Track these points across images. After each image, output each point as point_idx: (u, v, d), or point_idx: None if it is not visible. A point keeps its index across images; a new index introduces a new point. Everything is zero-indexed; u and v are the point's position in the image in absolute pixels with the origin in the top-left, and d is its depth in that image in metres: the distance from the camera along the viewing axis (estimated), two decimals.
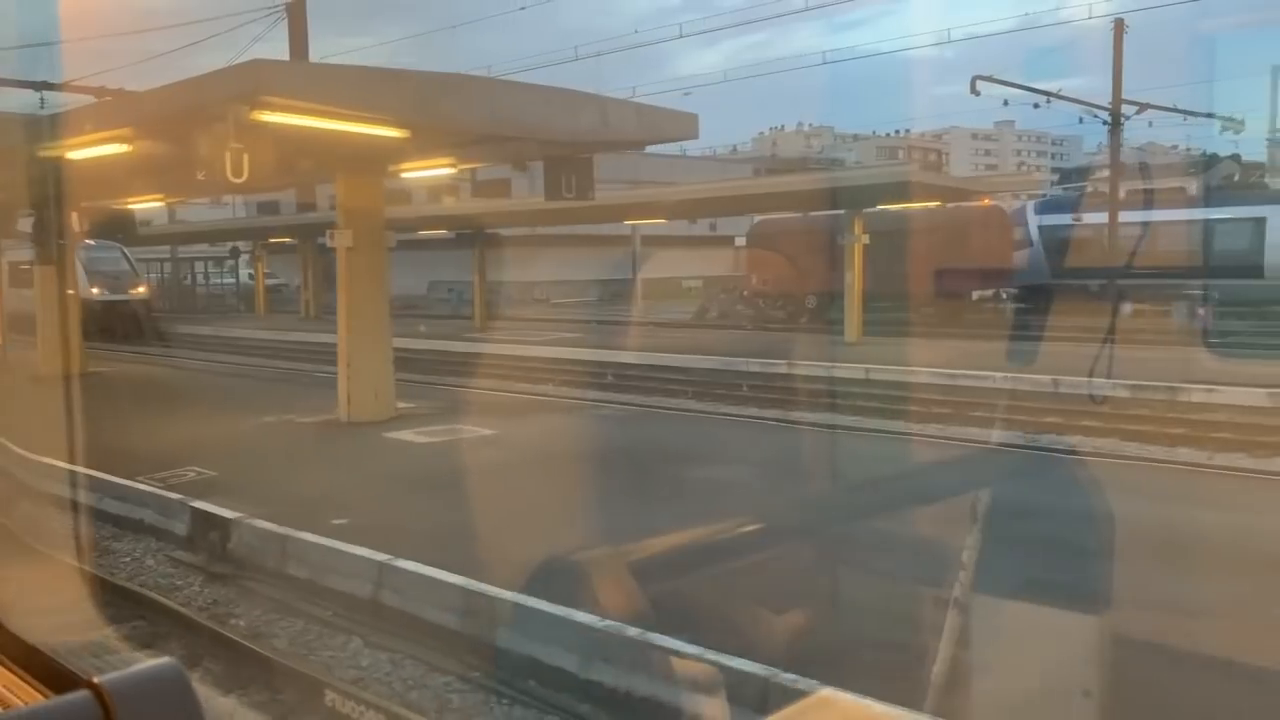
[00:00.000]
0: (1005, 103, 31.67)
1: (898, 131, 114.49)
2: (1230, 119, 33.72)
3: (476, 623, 7.29)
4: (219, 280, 57.80)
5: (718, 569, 7.23)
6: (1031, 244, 35.17)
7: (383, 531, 8.93)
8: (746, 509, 10.20)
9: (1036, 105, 31.85)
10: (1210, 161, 38.90)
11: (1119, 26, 32.37)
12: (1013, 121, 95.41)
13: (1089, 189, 37.48)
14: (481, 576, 7.48)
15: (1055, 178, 43.53)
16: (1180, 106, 35.36)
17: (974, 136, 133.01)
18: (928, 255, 31.68)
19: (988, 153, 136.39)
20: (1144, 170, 39.13)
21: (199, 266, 57.79)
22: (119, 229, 31.05)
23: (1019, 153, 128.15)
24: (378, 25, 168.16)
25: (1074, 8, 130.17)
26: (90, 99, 20.79)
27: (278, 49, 28.13)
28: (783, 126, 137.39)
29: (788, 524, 9.09)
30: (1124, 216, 33.87)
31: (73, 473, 11.71)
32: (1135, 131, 37.39)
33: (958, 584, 4.92)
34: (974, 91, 28.06)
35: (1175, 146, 41.21)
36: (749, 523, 9.09)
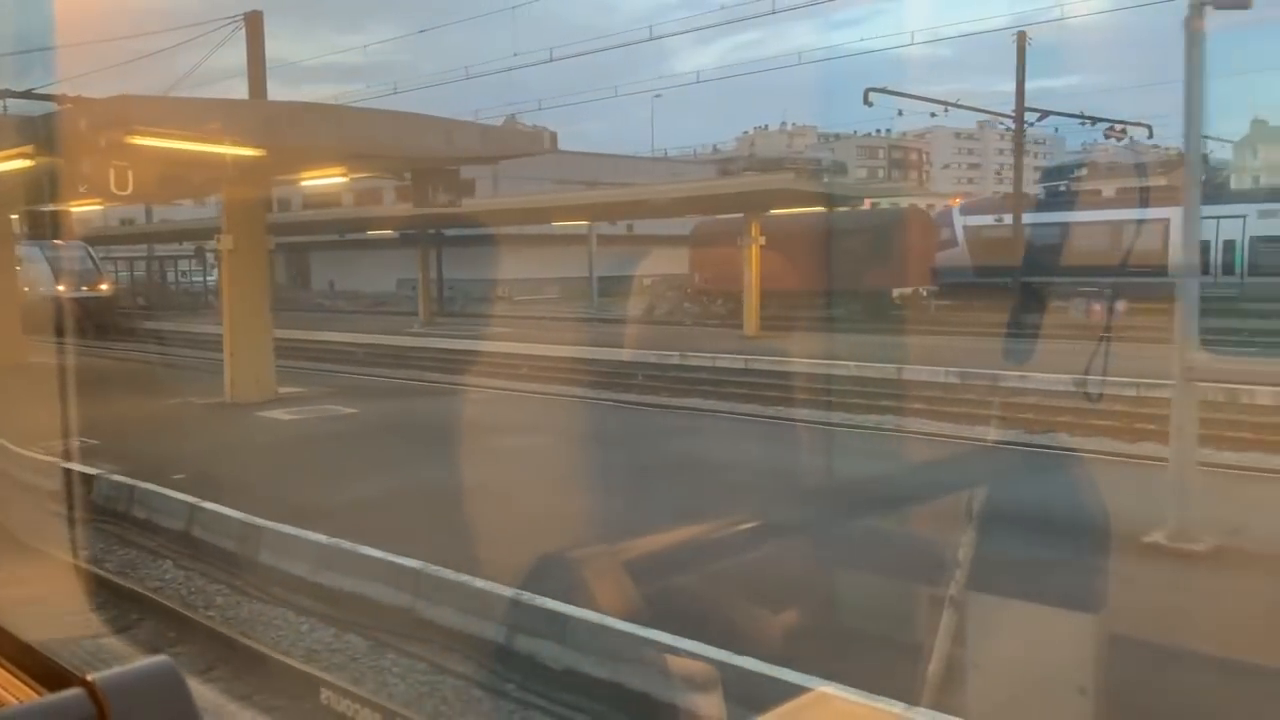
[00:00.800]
0: (899, 113, 33.51)
1: (877, 131, 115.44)
2: (1120, 125, 35.26)
3: (246, 546, 9.64)
4: (198, 278, 59.23)
5: (706, 567, 8.11)
6: (957, 243, 37.14)
7: (209, 483, 11.20)
8: (501, 463, 12.60)
9: (933, 114, 33.73)
10: (1177, 162, 41.04)
11: (1021, 39, 34.09)
12: (997, 121, 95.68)
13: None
14: (267, 516, 9.73)
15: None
16: (1089, 113, 37.02)
17: (956, 135, 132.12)
18: (854, 254, 33.75)
19: (970, 151, 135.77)
20: (1058, 174, 41.23)
21: (179, 264, 59.46)
22: (58, 230, 32.53)
23: (1001, 151, 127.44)
24: (372, 24, 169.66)
25: (1064, 6, 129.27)
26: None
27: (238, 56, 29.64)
28: (766, 126, 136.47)
29: (517, 475, 11.78)
30: (1041, 218, 36.13)
31: None
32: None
33: (953, 582, 5.00)
34: (867, 103, 29.92)
35: (1156, 146, 42.95)
36: (744, 520, 9.50)
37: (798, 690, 5.37)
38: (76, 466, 12.31)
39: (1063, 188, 38.37)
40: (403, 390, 20.90)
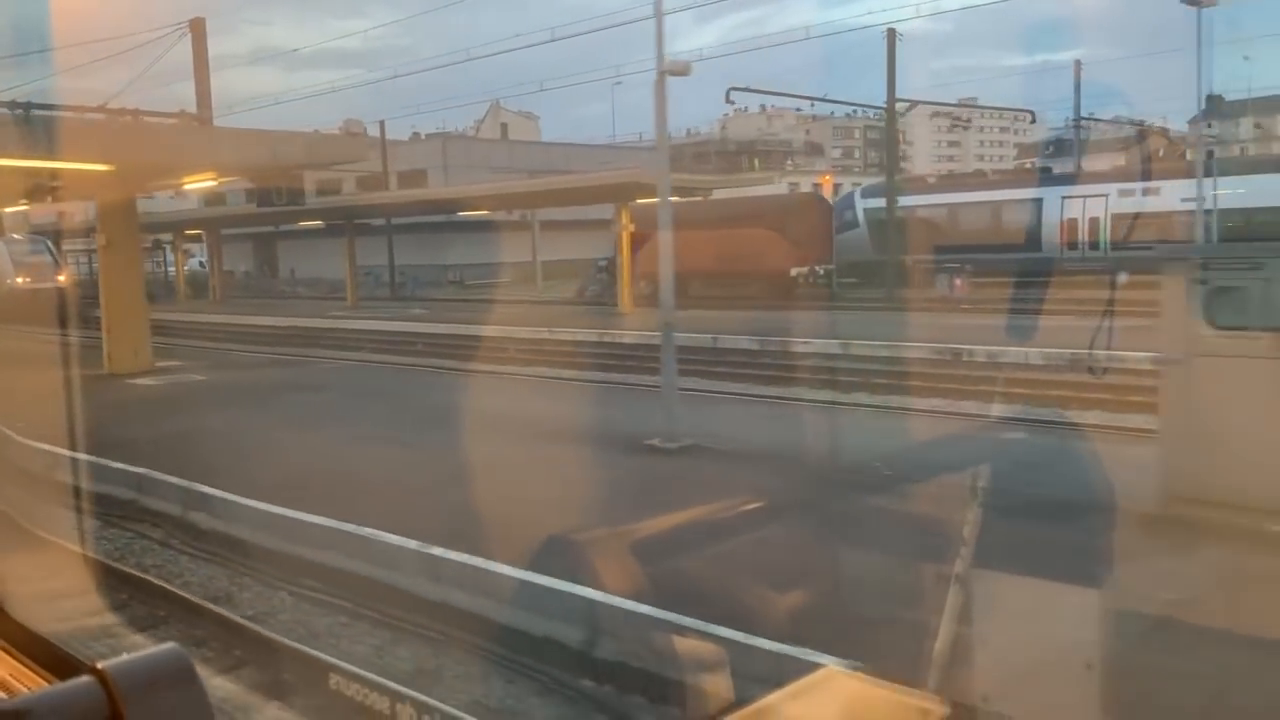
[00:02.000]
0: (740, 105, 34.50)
1: (855, 112, 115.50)
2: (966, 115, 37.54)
3: (34, 463, 12.27)
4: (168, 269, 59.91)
5: (712, 548, 8.25)
6: (858, 225, 38.91)
7: (59, 431, 12.67)
8: (267, 410, 16.36)
9: (799, 109, 35.07)
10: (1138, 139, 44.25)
11: (891, 36, 34.87)
12: (975, 98, 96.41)
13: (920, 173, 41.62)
14: (93, 453, 12.02)
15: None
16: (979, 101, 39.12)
17: (935, 114, 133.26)
18: (755, 236, 35.74)
19: (950, 129, 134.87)
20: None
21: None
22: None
23: (981, 129, 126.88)
24: (372, 8, 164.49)
25: None
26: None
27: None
28: (745, 108, 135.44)
29: (267, 418, 15.55)
30: (931, 199, 38.69)
31: None
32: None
33: (959, 560, 4.92)
34: (729, 101, 30.70)
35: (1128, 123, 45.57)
36: (750, 501, 9.62)
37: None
38: None
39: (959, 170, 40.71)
40: (270, 363, 23.40)
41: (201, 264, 57.61)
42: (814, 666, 5.40)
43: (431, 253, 48.78)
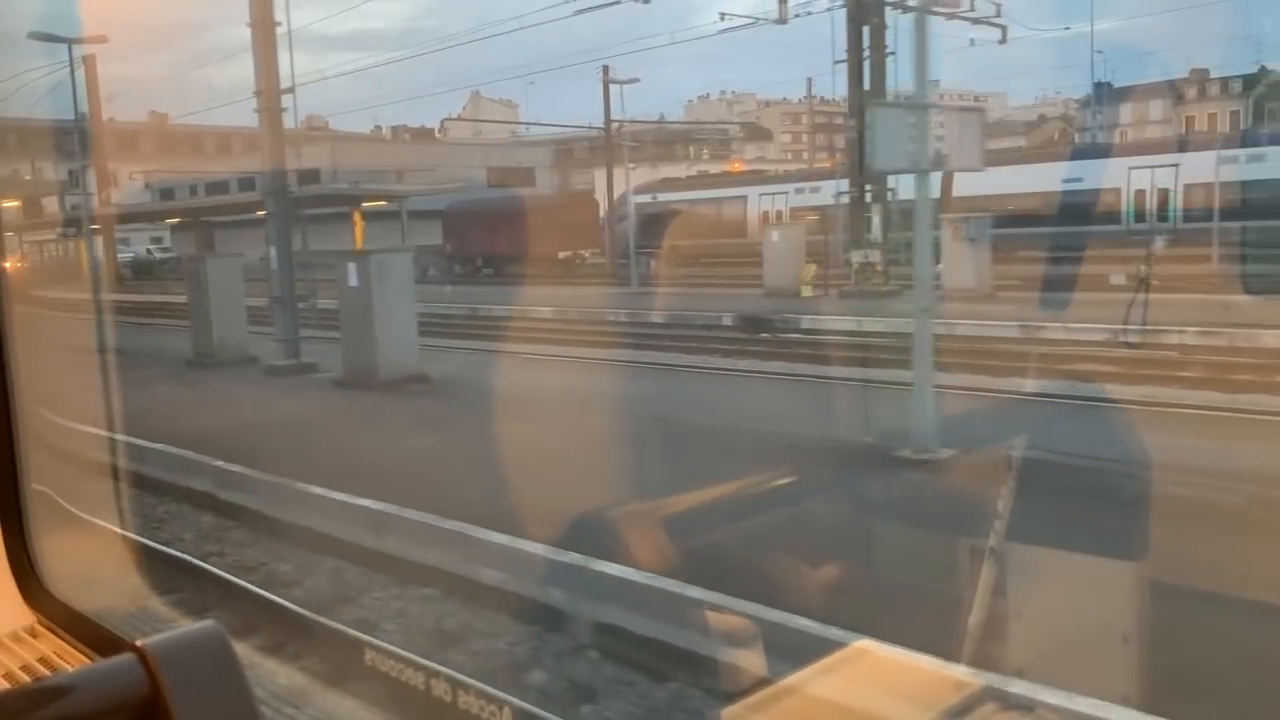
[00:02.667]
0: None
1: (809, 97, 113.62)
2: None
3: None
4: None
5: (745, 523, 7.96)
6: (629, 217, 43.88)
7: None
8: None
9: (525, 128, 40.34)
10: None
11: (605, 71, 44.78)
12: (938, 81, 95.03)
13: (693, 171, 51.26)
14: None
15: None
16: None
17: (895, 96, 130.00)
18: (535, 226, 42.83)
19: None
20: None
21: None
22: None
23: (940, 110, 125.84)
24: None
25: None
26: None
27: None
28: (708, 94, 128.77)
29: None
30: (677, 196, 46.41)
31: None
32: None
33: (993, 533, 4.93)
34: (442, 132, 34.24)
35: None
36: (780, 476, 9.22)
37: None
38: None
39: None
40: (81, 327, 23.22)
41: (149, 250, 60.39)
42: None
43: (321, 239, 50.98)
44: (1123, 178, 33.98)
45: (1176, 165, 32.81)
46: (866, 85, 30.73)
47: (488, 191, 56.25)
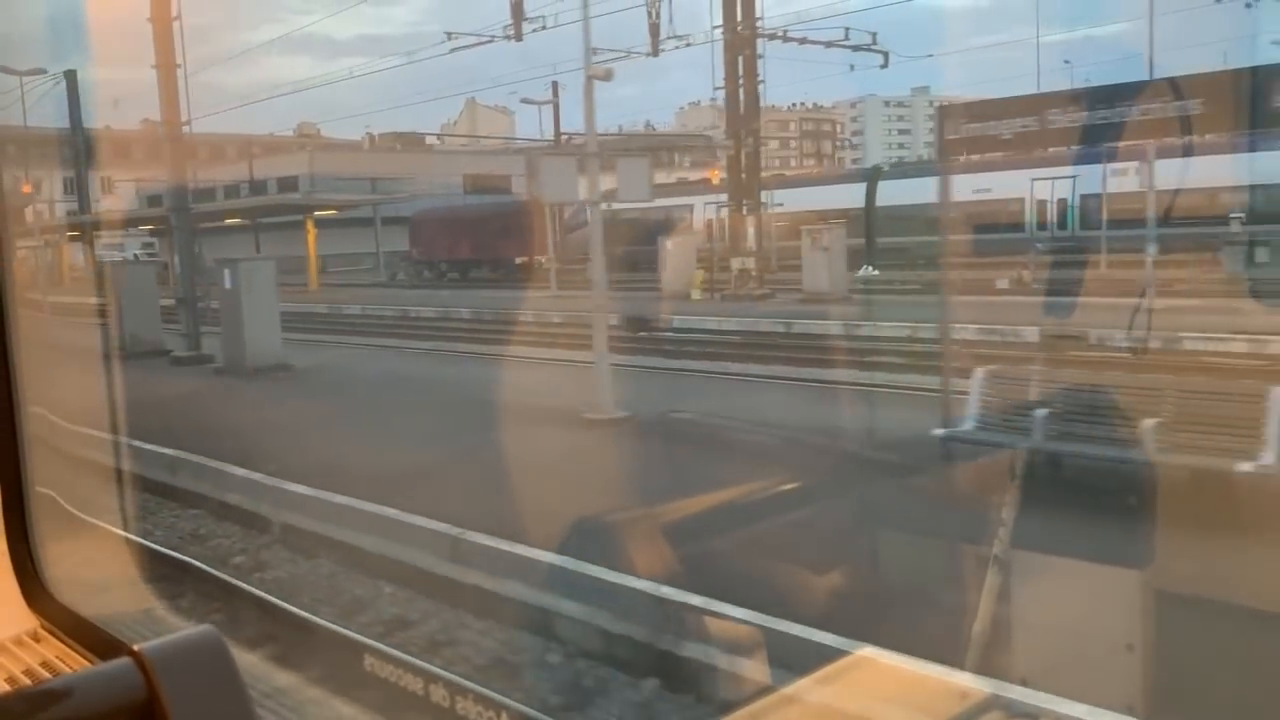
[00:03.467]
0: None
1: (798, 105, 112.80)
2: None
3: None
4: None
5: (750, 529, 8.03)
6: (586, 224, 42.80)
7: None
8: None
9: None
10: None
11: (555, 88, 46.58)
12: (927, 87, 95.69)
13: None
14: None
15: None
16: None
17: (886, 104, 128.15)
18: (495, 233, 44.83)
19: (901, 119, 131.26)
20: None
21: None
22: None
23: (931, 118, 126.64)
24: None
25: None
26: None
27: None
28: (699, 101, 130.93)
29: None
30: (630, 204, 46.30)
31: None
32: None
33: (997, 541, 4.94)
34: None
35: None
36: (785, 482, 9.59)
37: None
38: None
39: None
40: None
41: (136, 255, 59.39)
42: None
43: (299, 245, 54.12)
44: (1026, 188, 35.52)
45: (1074, 177, 34.17)
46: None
47: (464, 199, 58.47)
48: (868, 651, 4.94)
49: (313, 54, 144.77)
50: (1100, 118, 36.10)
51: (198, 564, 8.54)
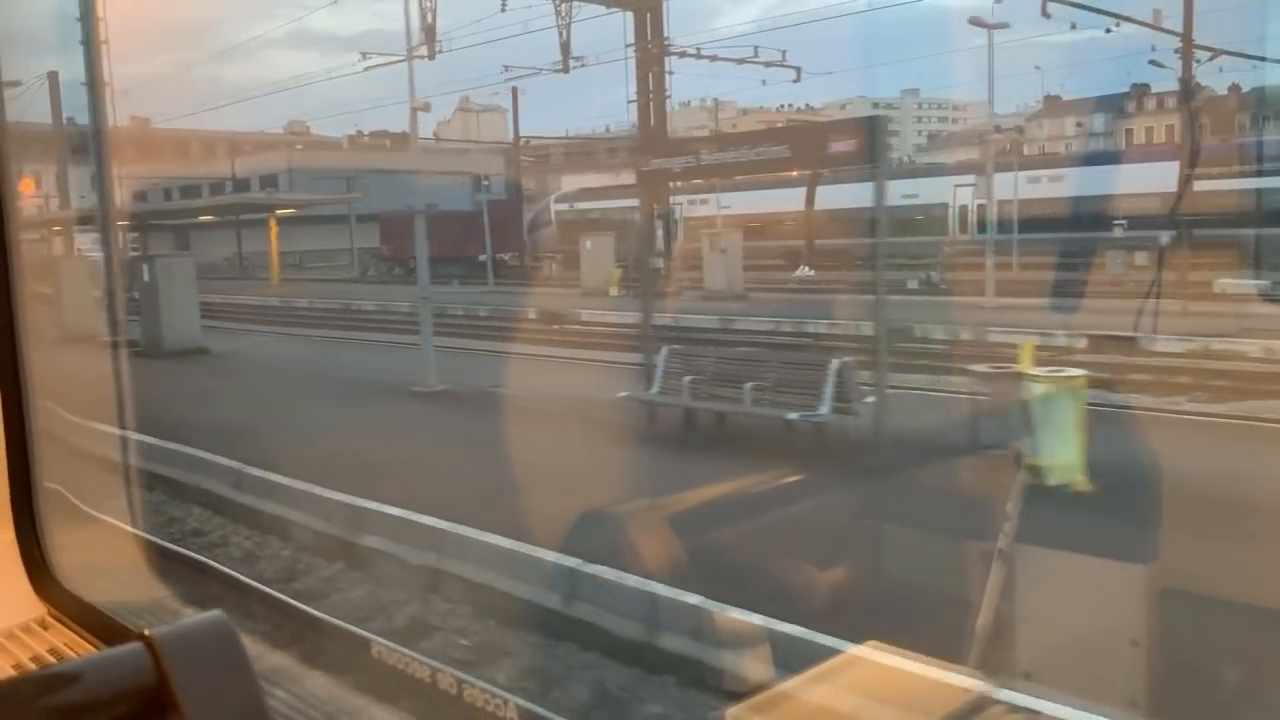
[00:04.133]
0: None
1: (784, 106, 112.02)
2: None
3: None
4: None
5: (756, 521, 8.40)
6: (551, 223, 49.61)
7: None
8: None
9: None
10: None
11: (514, 92, 49.31)
12: (916, 89, 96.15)
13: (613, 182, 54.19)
14: None
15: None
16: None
17: (875, 105, 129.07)
18: (462, 232, 45.37)
19: (889, 119, 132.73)
20: None
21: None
22: None
23: (919, 119, 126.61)
24: None
25: None
26: None
27: None
28: (689, 102, 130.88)
29: None
30: (584, 205, 50.53)
31: None
32: None
33: (1001, 535, 4.87)
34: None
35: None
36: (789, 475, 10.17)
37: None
38: None
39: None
40: None
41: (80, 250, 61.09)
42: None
43: (284, 241, 55.67)
44: (950, 194, 37.77)
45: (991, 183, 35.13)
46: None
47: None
48: (869, 647, 4.81)
49: (319, 48, 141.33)
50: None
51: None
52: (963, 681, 4.52)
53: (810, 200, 39.01)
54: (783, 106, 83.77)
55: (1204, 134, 36.10)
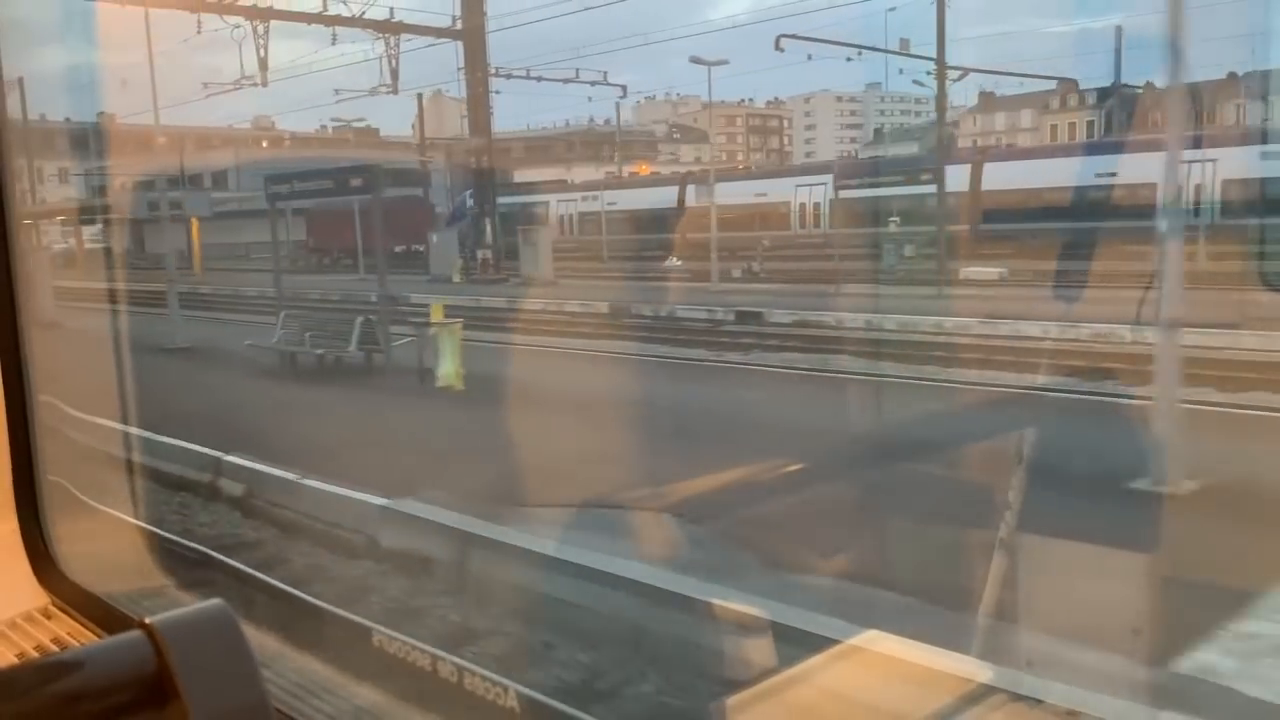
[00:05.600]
0: None
1: (748, 100, 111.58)
2: None
3: None
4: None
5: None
6: (465, 218, 49.36)
7: None
8: None
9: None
10: None
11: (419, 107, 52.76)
12: (879, 84, 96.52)
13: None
14: None
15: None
16: None
17: (839, 99, 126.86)
18: (374, 226, 44.83)
19: (853, 113, 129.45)
20: None
21: None
22: None
23: (882, 113, 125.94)
24: None
25: None
26: None
27: None
28: (654, 95, 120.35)
29: None
30: (515, 200, 52.04)
31: None
32: None
33: (1003, 525, 4.78)
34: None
35: None
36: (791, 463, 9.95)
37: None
38: None
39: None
40: None
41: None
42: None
43: (231, 234, 56.99)
44: (792, 194, 42.16)
45: (825, 184, 40.10)
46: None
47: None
48: (872, 634, 5.02)
49: (313, 38, 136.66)
50: None
51: None
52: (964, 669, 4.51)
53: (681, 199, 43.61)
54: (743, 100, 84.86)
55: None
